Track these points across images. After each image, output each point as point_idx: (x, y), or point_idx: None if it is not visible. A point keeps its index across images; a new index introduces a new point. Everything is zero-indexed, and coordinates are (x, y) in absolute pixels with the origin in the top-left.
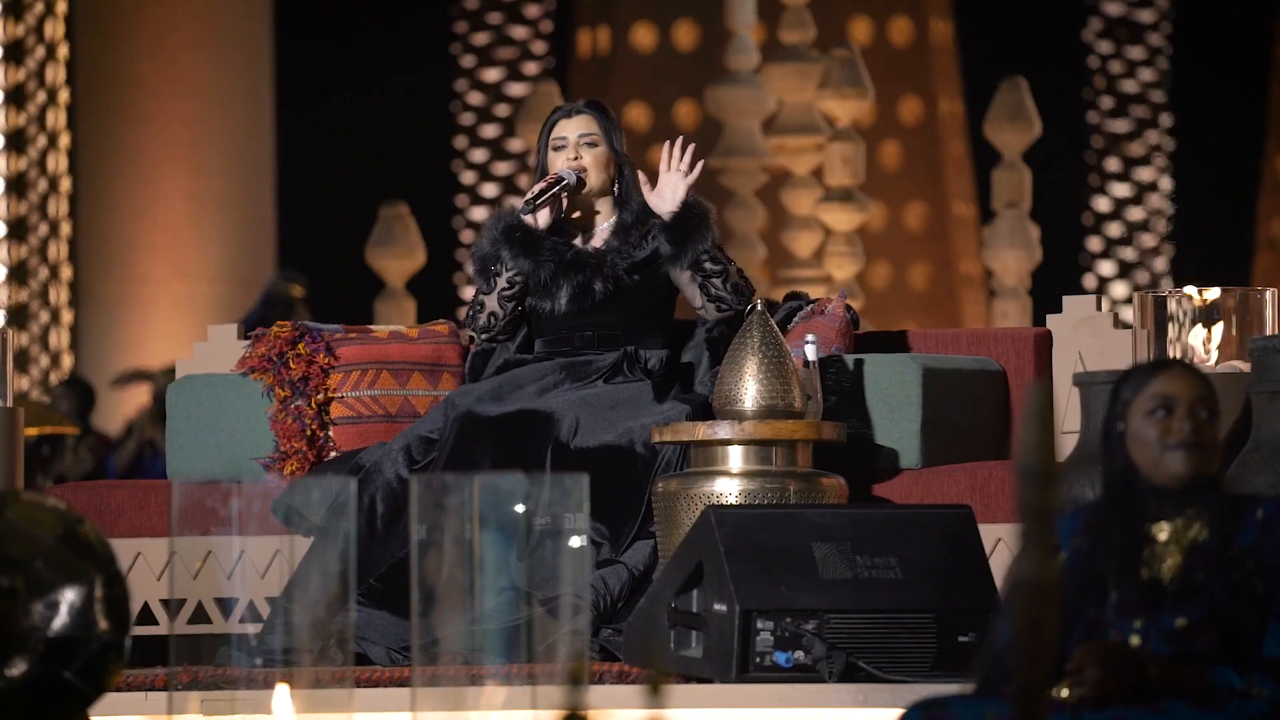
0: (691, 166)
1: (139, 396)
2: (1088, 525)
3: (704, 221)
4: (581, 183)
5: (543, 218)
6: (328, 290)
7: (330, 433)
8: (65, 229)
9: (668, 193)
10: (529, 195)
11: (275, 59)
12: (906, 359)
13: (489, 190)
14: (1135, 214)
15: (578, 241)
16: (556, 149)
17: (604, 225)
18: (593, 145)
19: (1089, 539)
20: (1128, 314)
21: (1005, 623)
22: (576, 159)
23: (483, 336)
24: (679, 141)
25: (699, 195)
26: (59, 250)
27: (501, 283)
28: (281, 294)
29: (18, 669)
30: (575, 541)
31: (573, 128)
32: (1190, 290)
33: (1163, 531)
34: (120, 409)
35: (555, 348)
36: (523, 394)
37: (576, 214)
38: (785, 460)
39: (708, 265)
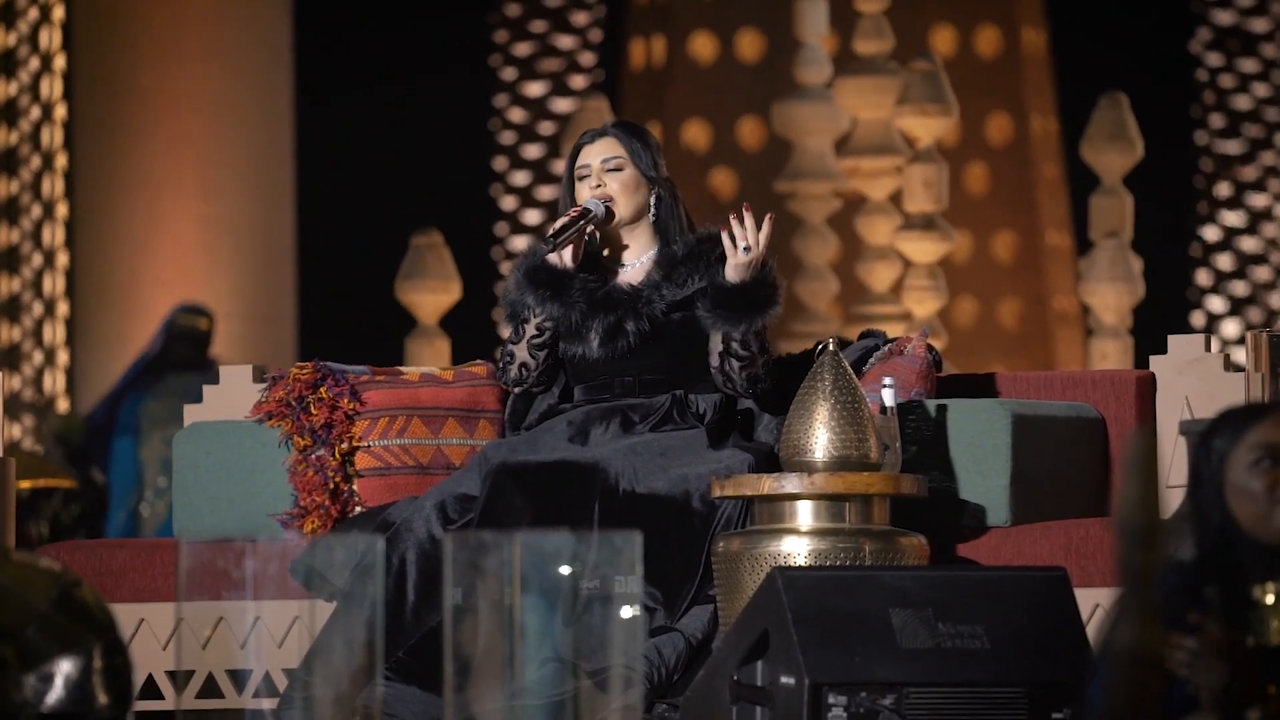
0: (757, 237)
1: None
2: (1180, 587)
3: (758, 308)
4: (610, 214)
5: (567, 256)
6: (353, 327)
7: (355, 486)
8: (62, 259)
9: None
10: (550, 232)
11: (295, 71)
12: (994, 404)
13: (531, 217)
14: (1249, 244)
15: (620, 278)
16: (581, 178)
17: (643, 258)
18: (618, 170)
19: (1182, 602)
20: (1240, 355)
21: (1097, 694)
22: (599, 187)
23: (516, 390)
24: (745, 214)
25: (775, 272)
26: (55, 283)
27: (530, 330)
28: (185, 327)
29: None
30: (627, 608)
31: (595, 153)
32: None
33: (1269, 593)
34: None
35: (595, 395)
36: (563, 443)
37: (606, 250)
38: (860, 517)
39: (736, 348)
